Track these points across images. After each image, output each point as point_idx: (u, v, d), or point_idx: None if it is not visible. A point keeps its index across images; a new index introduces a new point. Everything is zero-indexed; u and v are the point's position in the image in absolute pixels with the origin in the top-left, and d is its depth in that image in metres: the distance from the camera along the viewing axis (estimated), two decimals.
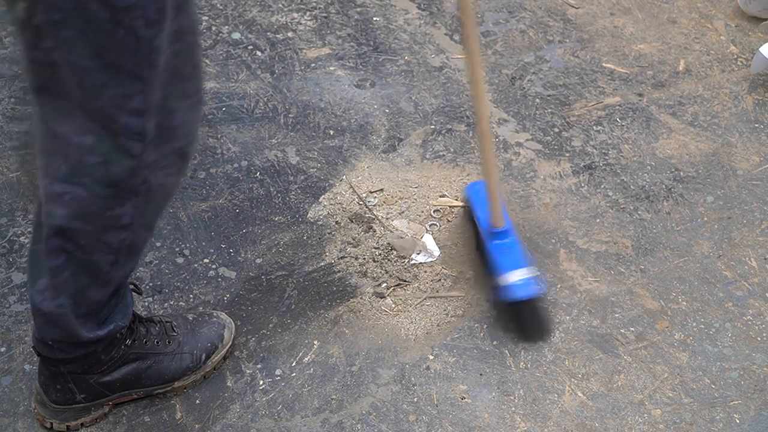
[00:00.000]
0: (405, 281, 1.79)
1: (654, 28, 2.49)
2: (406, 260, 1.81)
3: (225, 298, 1.76)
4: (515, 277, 1.64)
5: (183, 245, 1.85)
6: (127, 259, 1.37)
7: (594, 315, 1.76)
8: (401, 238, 1.72)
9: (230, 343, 1.64)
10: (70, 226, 1.26)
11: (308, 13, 2.46)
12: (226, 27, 2.39)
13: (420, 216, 1.92)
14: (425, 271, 1.82)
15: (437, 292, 1.78)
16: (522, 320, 1.69)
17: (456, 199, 1.84)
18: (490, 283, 1.73)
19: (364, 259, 1.84)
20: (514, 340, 1.70)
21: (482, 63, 1.51)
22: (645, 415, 1.60)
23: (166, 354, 1.55)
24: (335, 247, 1.87)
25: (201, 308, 1.73)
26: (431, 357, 1.68)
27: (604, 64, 2.36)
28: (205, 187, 1.95)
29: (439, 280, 1.80)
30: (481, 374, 1.65)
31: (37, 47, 1.12)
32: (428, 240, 1.69)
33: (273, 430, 1.56)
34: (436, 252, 1.68)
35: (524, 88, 2.28)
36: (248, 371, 1.64)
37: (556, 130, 2.16)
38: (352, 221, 1.91)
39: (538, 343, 1.69)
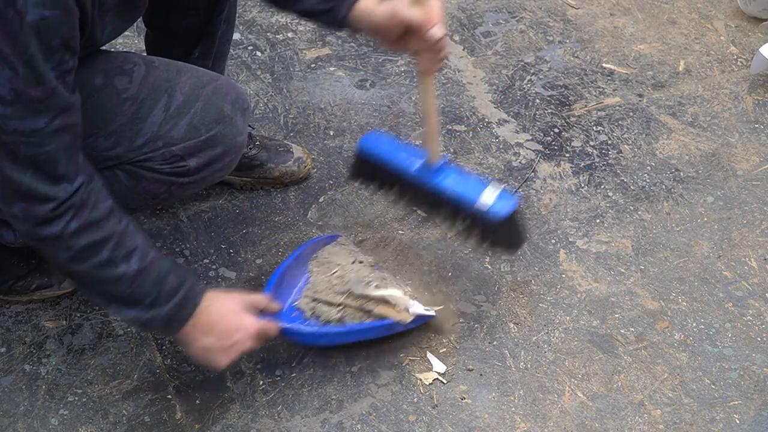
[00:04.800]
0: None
1: (654, 29, 2.49)
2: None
3: None
4: (490, 196, 1.60)
5: (183, 245, 1.85)
6: None
7: (594, 315, 1.76)
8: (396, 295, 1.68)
9: None
10: None
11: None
12: None
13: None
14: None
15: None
16: (510, 234, 1.68)
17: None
18: (457, 217, 1.67)
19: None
20: (498, 255, 1.74)
21: None
22: (645, 415, 1.60)
23: None
24: None
25: None
26: (431, 357, 1.68)
27: (604, 65, 2.36)
28: (205, 187, 1.95)
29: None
30: (481, 374, 1.65)
31: None
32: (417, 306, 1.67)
33: (273, 430, 1.56)
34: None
35: (524, 88, 2.28)
36: (248, 371, 1.64)
37: (556, 130, 2.16)
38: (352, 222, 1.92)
39: (520, 250, 1.75)
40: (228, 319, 1.44)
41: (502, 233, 1.65)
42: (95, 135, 1.42)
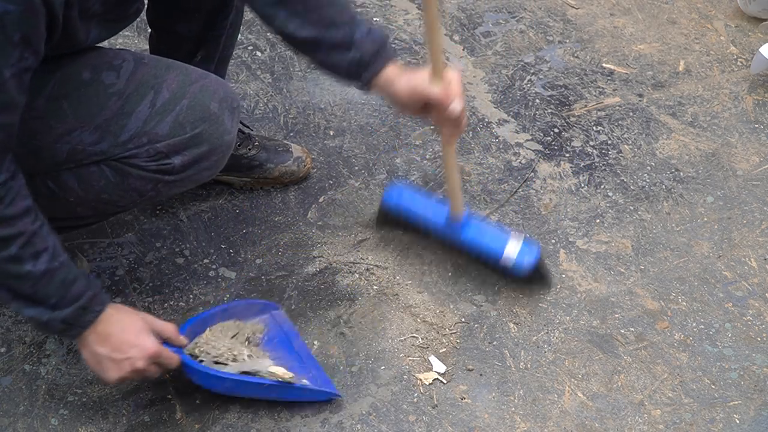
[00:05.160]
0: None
1: (654, 29, 2.49)
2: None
3: (225, 299, 1.76)
4: (514, 249, 1.70)
5: (183, 245, 1.85)
6: None
7: (594, 315, 1.76)
8: None
9: None
10: None
11: None
12: None
13: None
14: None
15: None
16: (536, 278, 1.77)
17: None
18: (491, 269, 1.77)
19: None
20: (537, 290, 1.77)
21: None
22: (645, 415, 1.60)
23: None
24: (336, 247, 1.87)
25: (201, 308, 1.73)
26: (431, 357, 1.68)
27: (604, 65, 2.36)
28: (205, 187, 1.95)
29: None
30: (481, 374, 1.65)
31: None
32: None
33: (273, 430, 1.56)
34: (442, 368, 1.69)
35: (524, 88, 2.28)
36: None
37: (556, 130, 2.16)
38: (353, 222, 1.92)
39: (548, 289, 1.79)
40: (126, 334, 1.43)
41: (529, 280, 1.76)
42: (81, 129, 1.42)
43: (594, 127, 2.18)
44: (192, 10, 1.71)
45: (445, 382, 1.64)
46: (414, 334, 1.71)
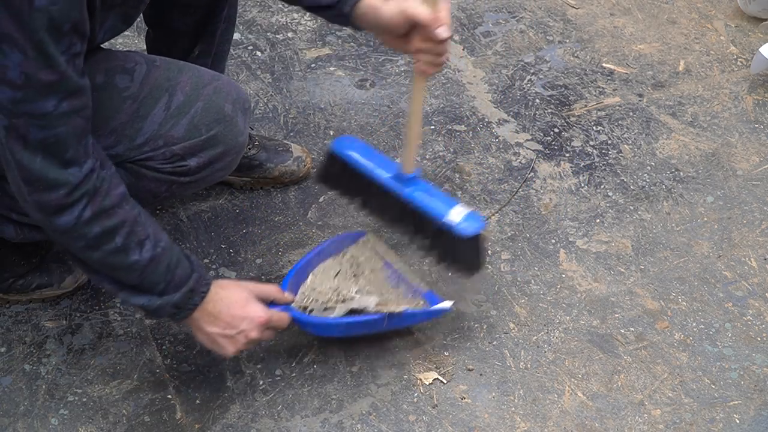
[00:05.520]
0: None
1: (654, 29, 2.49)
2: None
3: None
4: (458, 214, 1.60)
5: (183, 245, 1.85)
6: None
7: (594, 315, 1.76)
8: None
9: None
10: None
11: (308, 13, 2.46)
12: None
13: None
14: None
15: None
16: (471, 255, 1.66)
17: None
18: (422, 230, 1.66)
19: None
20: (457, 276, 1.71)
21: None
22: (645, 415, 1.60)
23: None
24: None
25: None
26: (431, 357, 1.68)
27: (604, 65, 2.36)
28: (205, 187, 1.95)
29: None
30: (481, 374, 1.65)
31: None
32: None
33: (273, 430, 1.56)
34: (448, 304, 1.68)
35: (524, 88, 2.28)
36: (248, 371, 1.64)
37: (556, 130, 2.16)
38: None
39: (477, 274, 1.70)
40: (234, 308, 1.46)
41: (464, 253, 1.65)
42: (96, 133, 1.42)
43: (594, 127, 2.18)
44: (188, 5, 1.72)
45: (445, 381, 1.64)
46: (414, 334, 1.71)
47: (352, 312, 1.58)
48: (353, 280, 1.63)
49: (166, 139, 1.45)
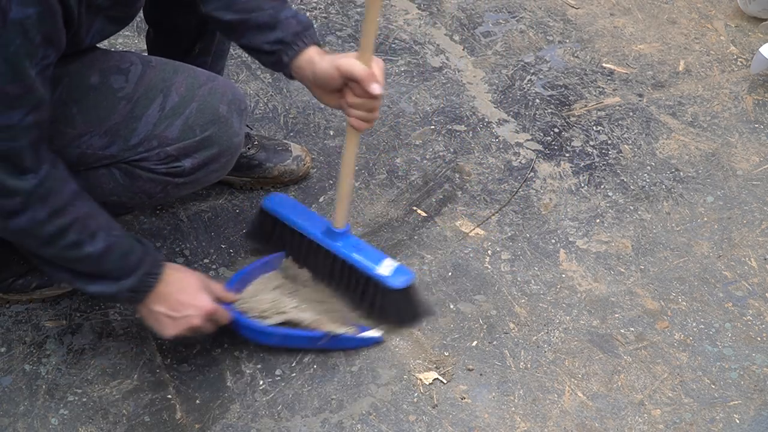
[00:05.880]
0: None
1: (654, 29, 2.49)
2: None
3: None
4: (388, 267, 1.62)
5: (183, 245, 1.85)
6: None
7: (594, 315, 1.76)
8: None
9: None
10: None
11: (308, 13, 2.46)
12: None
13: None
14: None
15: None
16: (403, 309, 1.68)
17: None
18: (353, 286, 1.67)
19: None
20: (398, 328, 1.70)
21: None
22: (645, 415, 1.60)
23: None
24: None
25: None
26: (431, 357, 1.68)
27: (604, 65, 2.36)
28: (205, 187, 1.95)
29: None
30: (481, 374, 1.65)
31: None
32: None
33: (273, 430, 1.56)
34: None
35: (524, 88, 2.28)
36: (248, 371, 1.64)
37: (556, 130, 2.16)
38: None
39: (423, 323, 1.71)
40: (185, 293, 1.49)
41: (394, 305, 1.66)
42: (90, 133, 1.42)
43: (594, 127, 2.18)
44: (188, 3, 1.71)
45: (445, 381, 1.64)
46: (414, 334, 1.71)
47: (288, 325, 1.61)
48: (292, 295, 1.64)
49: (160, 139, 1.45)
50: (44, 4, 1.16)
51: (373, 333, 1.67)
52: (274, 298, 1.62)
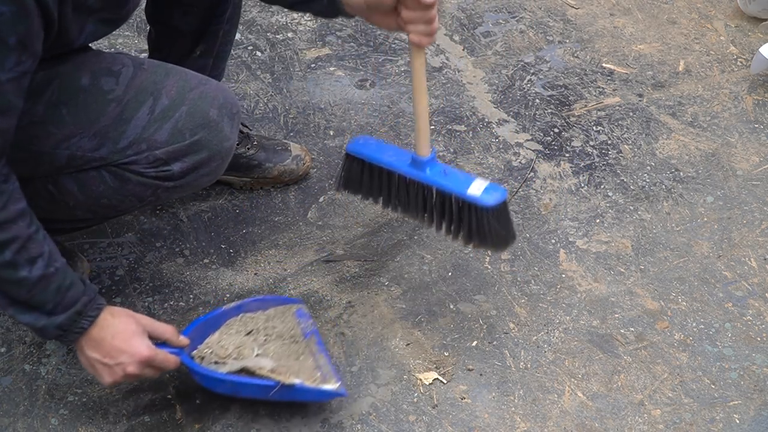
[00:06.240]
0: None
1: (654, 29, 2.49)
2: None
3: (225, 298, 1.76)
4: (479, 187, 1.58)
5: (183, 245, 1.85)
6: None
7: (594, 315, 1.76)
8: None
9: None
10: None
11: (308, 14, 2.46)
12: None
13: None
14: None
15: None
16: (499, 227, 1.63)
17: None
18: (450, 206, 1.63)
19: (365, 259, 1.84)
20: (489, 250, 1.70)
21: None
22: (645, 415, 1.60)
23: None
24: (336, 247, 1.87)
25: (201, 309, 1.73)
26: (431, 357, 1.68)
27: (604, 65, 2.36)
28: (205, 187, 1.95)
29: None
30: (481, 374, 1.65)
31: None
32: None
33: (273, 430, 1.56)
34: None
35: (524, 88, 2.28)
36: None
37: (556, 130, 2.16)
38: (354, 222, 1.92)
39: (510, 246, 1.70)
40: (118, 339, 1.42)
41: (492, 226, 1.61)
42: (80, 135, 1.41)
43: (594, 127, 2.18)
44: (190, 4, 1.71)
45: (445, 381, 1.64)
46: (414, 334, 1.71)
47: (246, 372, 1.50)
48: (261, 342, 1.55)
49: (149, 143, 1.44)
50: (19, 3, 1.14)
51: (334, 387, 1.52)
52: (240, 344, 1.53)
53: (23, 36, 1.17)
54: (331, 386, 1.51)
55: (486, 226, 1.61)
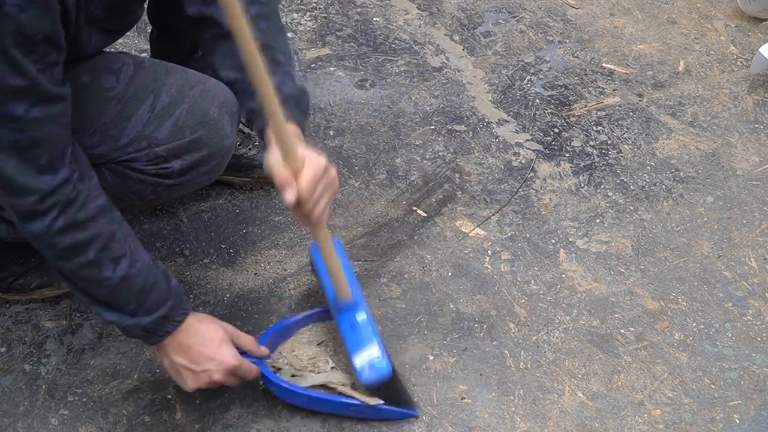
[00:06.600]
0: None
1: (654, 29, 2.49)
2: None
3: (225, 298, 1.76)
4: (364, 358, 1.48)
5: (183, 245, 1.85)
6: None
7: (594, 315, 1.76)
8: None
9: None
10: None
11: (308, 13, 2.46)
12: None
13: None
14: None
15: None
16: (389, 394, 1.54)
17: None
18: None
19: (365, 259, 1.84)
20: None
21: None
22: (645, 415, 1.60)
23: None
24: None
25: (201, 308, 1.73)
26: (431, 357, 1.68)
27: (604, 65, 2.36)
28: (205, 187, 1.95)
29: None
30: (481, 374, 1.65)
31: None
32: None
33: (273, 430, 1.56)
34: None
35: (524, 88, 2.28)
36: None
37: (556, 130, 2.16)
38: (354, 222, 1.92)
39: (410, 409, 1.58)
40: (207, 346, 1.42)
41: (382, 392, 1.53)
42: (80, 133, 1.42)
43: (594, 127, 2.18)
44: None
45: (444, 381, 1.64)
46: (414, 334, 1.71)
47: (322, 387, 1.51)
48: (332, 353, 1.55)
49: (149, 140, 1.45)
50: (43, 1, 1.15)
51: (409, 408, 1.56)
52: (314, 355, 1.53)
53: (48, 31, 1.18)
54: (406, 408, 1.55)
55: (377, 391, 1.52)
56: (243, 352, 1.47)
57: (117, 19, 1.44)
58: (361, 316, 1.52)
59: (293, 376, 1.52)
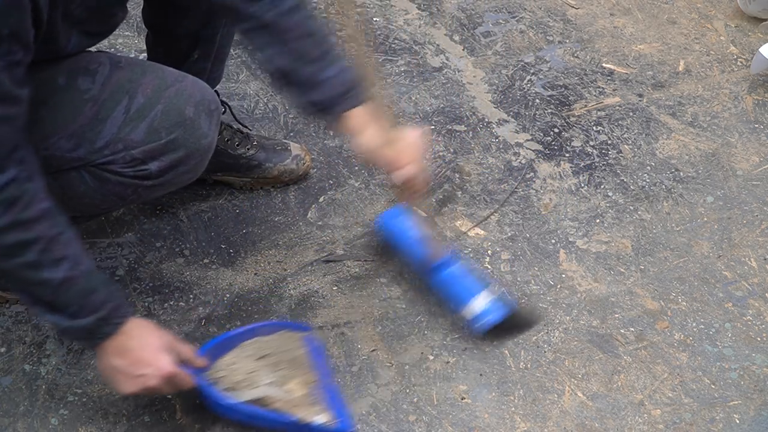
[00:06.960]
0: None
1: (654, 29, 2.49)
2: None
3: (225, 298, 1.76)
4: (477, 306, 1.62)
5: (183, 245, 1.85)
6: None
7: (594, 315, 1.76)
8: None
9: None
10: None
11: None
12: None
13: None
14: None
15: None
16: (508, 331, 1.69)
17: None
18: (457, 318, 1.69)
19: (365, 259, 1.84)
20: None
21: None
22: (645, 415, 1.60)
23: None
24: (336, 247, 1.87)
25: (200, 308, 1.74)
26: (431, 357, 1.68)
27: (604, 65, 2.36)
28: (205, 187, 1.95)
29: None
30: (481, 374, 1.65)
31: None
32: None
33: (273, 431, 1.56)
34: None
35: (524, 88, 2.28)
36: None
37: (556, 130, 2.16)
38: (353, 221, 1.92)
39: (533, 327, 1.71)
40: (144, 351, 1.40)
41: (502, 332, 1.68)
42: (57, 136, 1.40)
43: (594, 127, 2.18)
44: (188, 8, 1.71)
45: (445, 381, 1.64)
46: (414, 334, 1.71)
47: (259, 402, 1.49)
48: (271, 368, 1.53)
49: (125, 142, 1.43)
50: None
51: (348, 427, 1.53)
52: (252, 370, 1.51)
53: (15, 28, 1.16)
54: (341, 425, 1.52)
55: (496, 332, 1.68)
56: (181, 363, 1.45)
57: (98, 22, 1.43)
58: (461, 268, 1.68)
59: (227, 389, 1.49)
